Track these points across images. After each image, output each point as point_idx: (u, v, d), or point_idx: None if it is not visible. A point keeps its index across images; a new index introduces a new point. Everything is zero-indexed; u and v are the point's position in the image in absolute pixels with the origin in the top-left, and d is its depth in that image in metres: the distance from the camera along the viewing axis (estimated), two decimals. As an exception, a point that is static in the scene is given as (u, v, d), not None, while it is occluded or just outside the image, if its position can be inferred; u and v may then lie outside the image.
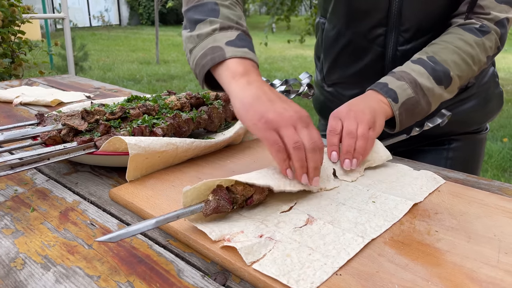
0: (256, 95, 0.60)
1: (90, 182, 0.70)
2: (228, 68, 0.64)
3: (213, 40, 0.66)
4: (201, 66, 0.66)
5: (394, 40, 0.88)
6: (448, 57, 0.77)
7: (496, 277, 0.45)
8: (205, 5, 0.70)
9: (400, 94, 0.74)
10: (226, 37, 0.66)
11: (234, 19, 0.69)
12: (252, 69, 0.64)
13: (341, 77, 1.00)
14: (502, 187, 0.69)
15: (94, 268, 0.48)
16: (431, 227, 0.55)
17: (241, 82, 0.62)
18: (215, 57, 0.64)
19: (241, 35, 0.67)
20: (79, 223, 0.57)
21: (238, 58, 0.64)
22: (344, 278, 0.44)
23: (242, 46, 0.65)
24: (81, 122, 0.74)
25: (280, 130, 0.58)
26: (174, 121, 0.78)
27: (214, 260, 0.49)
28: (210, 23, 0.67)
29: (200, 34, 0.67)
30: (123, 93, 1.38)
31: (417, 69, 0.76)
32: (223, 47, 0.65)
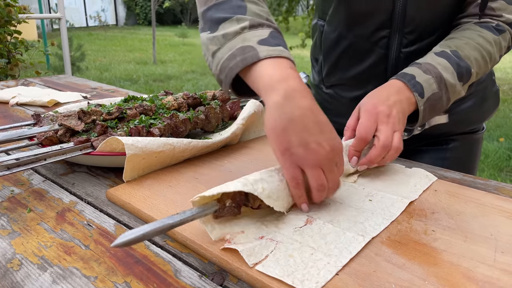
0: (291, 118, 0.53)
1: (87, 182, 0.70)
2: (263, 72, 0.56)
3: (243, 39, 0.58)
4: (228, 68, 0.58)
5: (397, 42, 0.87)
6: (471, 54, 0.76)
7: (493, 276, 0.45)
8: (229, 1, 0.63)
9: (426, 88, 0.71)
10: (257, 36, 0.59)
11: (264, 15, 0.62)
12: (290, 72, 0.56)
13: (342, 79, 0.99)
14: (498, 187, 0.69)
15: (91, 268, 0.48)
16: (428, 226, 0.55)
17: (279, 94, 0.54)
18: (247, 58, 0.57)
19: (273, 32, 0.60)
20: (76, 223, 0.57)
21: (274, 58, 0.57)
22: (341, 277, 0.44)
23: (276, 45, 0.58)
24: (78, 122, 0.74)
25: (305, 169, 0.54)
26: (171, 121, 0.78)
27: (211, 260, 0.49)
28: (238, 21, 0.60)
29: (226, 33, 0.60)
30: (120, 93, 1.38)
31: (443, 63, 0.74)
32: (255, 46, 0.57)
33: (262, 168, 0.72)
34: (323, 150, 0.53)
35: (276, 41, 0.59)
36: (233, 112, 0.94)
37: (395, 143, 0.66)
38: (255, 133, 0.92)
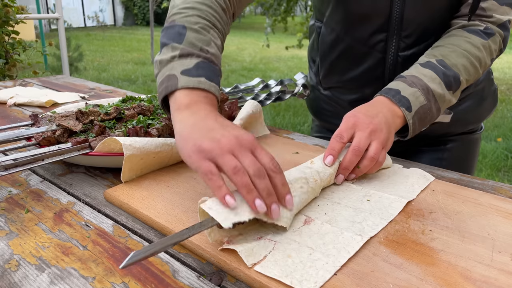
0: (194, 124, 0.55)
1: (85, 183, 0.70)
2: (175, 99, 0.60)
3: (171, 68, 0.62)
4: (159, 93, 0.63)
5: (395, 45, 0.87)
6: (458, 61, 0.75)
7: (490, 276, 0.45)
8: (174, 27, 0.66)
9: (413, 102, 0.71)
10: (183, 65, 0.62)
11: (198, 45, 0.64)
12: (200, 99, 0.59)
13: (339, 81, 0.98)
14: (495, 187, 0.70)
15: (89, 269, 0.48)
16: (425, 226, 0.55)
17: (184, 113, 0.57)
18: (168, 86, 0.61)
19: (201, 63, 0.62)
20: (73, 224, 0.57)
21: (189, 89, 0.60)
22: (339, 278, 0.45)
23: (198, 75, 0.60)
24: (76, 122, 0.74)
25: (216, 160, 0.51)
26: (169, 122, 0.78)
27: (209, 260, 0.49)
28: (172, 49, 0.64)
29: (162, 60, 0.64)
30: (118, 94, 1.38)
31: (429, 74, 0.73)
32: (178, 76, 0.61)
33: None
34: (228, 139, 0.52)
35: (200, 72, 0.61)
36: (231, 112, 0.94)
37: (371, 152, 0.65)
38: (253, 134, 0.92)
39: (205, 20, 0.67)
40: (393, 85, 0.74)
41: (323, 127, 1.10)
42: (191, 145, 0.53)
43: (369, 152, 0.65)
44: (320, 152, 0.82)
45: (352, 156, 0.64)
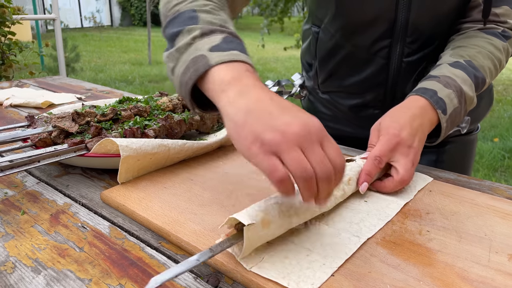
0: (250, 109, 0.46)
1: (81, 184, 0.69)
2: (214, 79, 0.51)
3: (194, 49, 0.54)
4: (184, 83, 0.54)
5: (399, 52, 0.85)
6: (485, 63, 0.74)
7: (487, 277, 0.45)
8: (181, 15, 0.60)
9: (448, 104, 0.68)
10: (209, 43, 0.54)
11: (216, 22, 0.58)
12: (244, 73, 0.51)
13: (339, 86, 0.96)
14: (492, 187, 0.70)
15: (85, 271, 0.47)
16: (422, 227, 0.55)
17: (231, 93, 0.49)
18: (198, 68, 0.52)
19: (227, 37, 0.56)
20: (70, 225, 0.57)
21: (227, 63, 0.52)
22: (336, 278, 0.44)
23: (230, 49, 0.53)
24: (72, 124, 0.74)
25: (282, 155, 0.44)
26: (166, 123, 0.78)
27: (206, 262, 0.49)
28: (189, 31, 0.56)
29: (179, 47, 0.56)
30: (115, 95, 1.37)
31: (461, 75, 0.71)
32: (206, 54, 0.53)
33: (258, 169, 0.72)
34: (295, 127, 0.44)
35: (230, 45, 0.54)
36: (228, 113, 0.94)
37: (411, 177, 0.64)
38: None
39: (212, 2, 0.62)
40: (427, 84, 0.71)
41: None
42: (250, 135, 0.45)
43: (409, 179, 0.64)
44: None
45: (398, 186, 0.63)
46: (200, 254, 0.43)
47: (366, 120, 0.97)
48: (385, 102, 0.93)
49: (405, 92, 0.90)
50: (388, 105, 0.93)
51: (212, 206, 0.59)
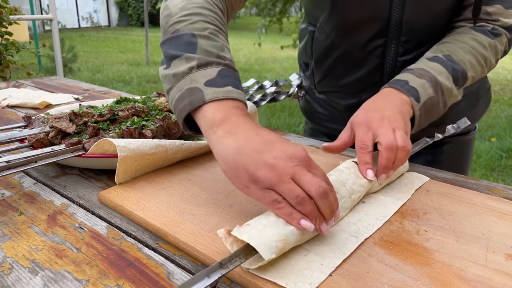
0: (238, 148, 0.50)
1: (79, 185, 0.69)
2: (205, 116, 0.55)
3: (191, 80, 0.57)
4: (178, 111, 0.58)
5: (394, 51, 0.85)
6: (465, 57, 0.74)
7: (484, 276, 0.45)
8: (181, 37, 0.61)
9: (421, 93, 0.69)
10: (205, 76, 0.57)
11: (214, 52, 0.59)
12: (232, 111, 0.55)
13: (335, 86, 0.97)
14: (489, 187, 0.70)
15: (83, 272, 0.47)
16: (420, 227, 0.55)
17: (219, 134, 0.53)
18: (193, 101, 0.55)
19: (223, 70, 0.58)
20: (67, 226, 0.57)
21: (219, 100, 0.55)
22: (334, 279, 0.44)
23: (224, 85, 0.56)
24: (69, 124, 0.73)
25: (276, 188, 0.48)
26: (163, 123, 0.78)
27: (204, 262, 0.49)
28: (187, 60, 0.58)
29: (176, 73, 0.58)
30: (112, 95, 1.37)
31: (437, 68, 0.72)
32: (202, 88, 0.56)
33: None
34: (282, 161, 0.49)
35: (225, 80, 0.57)
36: (226, 113, 0.94)
37: (399, 141, 0.62)
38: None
39: (211, 25, 0.63)
40: (400, 76, 0.72)
41: (317, 130, 1.10)
42: (245, 175, 0.49)
43: (399, 143, 0.61)
44: (315, 153, 0.82)
45: (388, 154, 0.61)
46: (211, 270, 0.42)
47: None
48: None
49: None
50: None
51: (210, 207, 0.59)
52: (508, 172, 3.16)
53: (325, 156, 0.80)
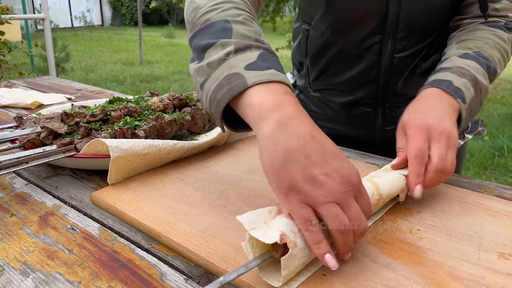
0: (288, 150, 0.44)
1: (71, 185, 0.69)
2: (252, 101, 0.48)
3: (229, 66, 0.51)
4: (216, 102, 0.51)
5: (390, 47, 0.85)
6: (493, 53, 0.73)
7: (477, 275, 0.45)
8: (213, 25, 0.56)
9: (466, 93, 0.65)
10: (245, 60, 0.51)
11: (252, 36, 0.54)
12: (283, 97, 0.48)
13: (331, 84, 0.96)
14: (482, 185, 0.70)
15: (74, 273, 0.47)
16: (413, 225, 0.55)
17: (271, 124, 0.46)
18: (233, 87, 0.49)
19: (263, 54, 0.53)
20: (59, 227, 0.56)
21: (264, 83, 0.49)
22: (328, 278, 0.44)
23: (267, 68, 0.50)
24: (61, 124, 0.73)
25: (318, 208, 0.43)
26: (156, 123, 0.78)
27: (197, 263, 0.49)
28: (222, 46, 0.53)
29: (211, 62, 0.53)
30: (105, 95, 1.36)
31: (473, 65, 0.69)
32: (242, 72, 0.50)
33: (249, 169, 0.72)
34: (334, 181, 0.43)
35: (267, 63, 0.51)
36: (219, 113, 0.93)
37: (449, 166, 0.58)
38: (242, 134, 0.92)
39: (245, 12, 0.58)
40: (441, 76, 0.67)
41: None
42: (288, 181, 0.44)
43: (448, 168, 0.58)
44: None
45: (435, 175, 0.57)
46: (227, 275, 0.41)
47: (358, 118, 0.97)
48: (376, 99, 0.93)
49: (396, 89, 0.91)
50: (380, 103, 0.93)
51: (203, 207, 0.59)
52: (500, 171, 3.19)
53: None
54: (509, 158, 3.38)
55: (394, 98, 0.92)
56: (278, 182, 0.45)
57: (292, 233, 0.43)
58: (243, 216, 0.44)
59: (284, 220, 0.44)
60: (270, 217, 0.45)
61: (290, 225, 0.44)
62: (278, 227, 0.43)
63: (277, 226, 0.43)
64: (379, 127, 0.96)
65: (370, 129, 0.97)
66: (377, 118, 0.95)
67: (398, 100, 0.93)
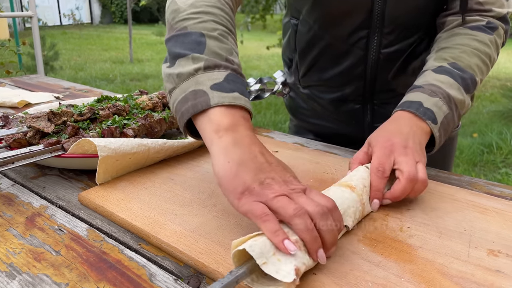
0: (242, 161, 0.49)
1: (59, 185, 0.68)
2: (211, 119, 0.52)
3: (196, 82, 0.54)
4: (180, 113, 0.55)
5: (377, 43, 0.85)
6: (471, 62, 0.71)
7: (467, 272, 0.45)
8: (188, 35, 0.58)
9: (437, 113, 0.66)
10: (211, 79, 0.54)
11: (223, 54, 0.57)
12: (241, 120, 0.53)
13: (319, 80, 0.96)
14: (471, 182, 0.71)
15: (62, 275, 0.46)
16: (403, 223, 0.55)
17: (226, 140, 0.50)
18: (197, 104, 0.53)
19: (230, 75, 0.55)
20: (46, 228, 0.55)
21: (225, 106, 0.52)
22: (318, 277, 0.44)
23: (231, 90, 0.54)
24: (48, 124, 0.72)
25: (270, 203, 0.46)
26: (145, 122, 0.77)
27: (187, 263, 0.48)
28: (193, 60, 0.56)
29: (181, 73, 0.56)
30: (94, 93, 1.35)
31: (446, 81, 0.68)
32: (207, 91, 0.53)
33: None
34: (279, 183, 0.48)
35: (231, 85, 0.54)
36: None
37: (421, 174, 0.59)
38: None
39: (222, 26, 0.60)
40: (412, 97, 0.68)
41: (302, 127, 1.10)
42: (240, 186, 0.47)
43: (420, 175, 0.59)
44: (299, 151, 0.82)
45: (407, 184, 0.58)
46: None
47: (346, 115, 0.97)
48: (364, 96, 0.93)
49: (384, 86, 0.91)
50: (368, 99, 0.93)
51: (193, 206, 0.59)
52: (489, 167, 3.22)
53: (309, 154, 0.80)
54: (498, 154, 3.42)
55: (383, 94, 0.92)
56: (232, 189, 0.48)
57: (304, 265, 0.43)
58: (253, 247, 0.42)
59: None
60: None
61: (300, 258, 0.43)
62: (291, 261, 0.43)
63: (290, 260, 0.43)
64: (368, 124, 0.96)
65: (359, 126, 0.98)
66: (366, 115, 0.96)
67: (386, 96, 0.93)
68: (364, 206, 0.56)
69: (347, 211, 0.52)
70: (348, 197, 0.54)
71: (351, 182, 0.57)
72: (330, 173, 0.71)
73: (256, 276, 0.44)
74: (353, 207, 0.53)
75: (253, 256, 0.42)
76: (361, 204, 0.55)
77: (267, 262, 0.42)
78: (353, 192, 0.55)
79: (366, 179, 0.59)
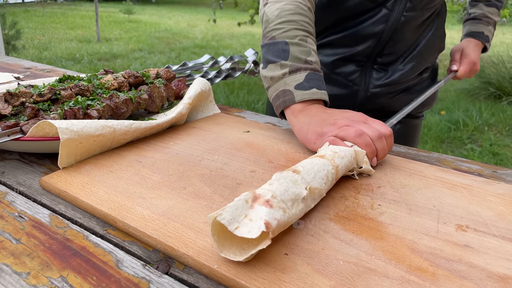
0: (310, 121, 0.67)
1: (19, 170, 0.64)
2: (292, 109, 0.72)
3: (284, 83, 0.72)
4: (276, 106, 0.74)
5: (403, 4, 0.92)
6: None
7: (436, 247, 0.46)
8: (276, 44, 0.74)
9: (489, 36, 1.16)
10: (295, 80, 0.72)
11: (302, 58, 0.73)
12: (310, 105, 0.71)
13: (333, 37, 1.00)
14: (440, 158, 0.72)
15: (22, 264, 0.44)
16: (374, 201, 0.55)
17: (299, 116, 0.70)
18: (286, 101, 0.72)
19: (309, 74, 0.72)
20: (5, 216, 0.52)
21: (306, 100, 0.71)
22: (290, 257, 0.44)
23: (310, 87, 0.71)
24: (5, 105, 0.68)
25: (337, 134, 0.63)
26: (110, 102, 0.74)
27: (156, 247, 0.47)
28: (281, 66, 0.73)
29: (273, 76, 0.74)
30: (57, 73, 1.29)
31: (493, 12, 1.15)
32: (292, 90, 0.71)
33: (210, 149, 0.70)
34: (341, 120, 0.65)
35: (310, 83, 0.72)
36: (179, 91, 0.90)
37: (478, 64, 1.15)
38: (203, 113, 0.89)
39: (302, 31, 0.75)
40: (476, 28, 1.16)
41: None
42: (313, 134, 0.66)
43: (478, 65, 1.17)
44: (271, 131, 0.80)
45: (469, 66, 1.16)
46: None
47: (344, 77, 1.02)
48: (370, 57, 0.98)
49: (391, 49, 0.97)
50: (372, 61, 0.98)
51: (162, 189, 0.57)
52: (456, 143, 3.32)
53: (281, 134, 0.79)
54: (464, 131, 3.52)
55: (386, 57, 0.98)
56: (308, 139, 0.67)
57: (276, 221, 0.43)
58: (223, 215, 0.41)
59: (265, 209, 0.43)
60: (248, 207, 0.44)
61: (271, 213, 0.43)
62: (261, 217, 0.42)
63: (260, 216, 0.42)
64: (363, 87, 1.01)
65: (354, 89, 1.01)
66: (363, 78, 1.00)
67: (388, 59, 0.98)
68: (337, 169, 0.56)
69: (317, 174, 0.53)
70: (317, 162, 0.55)
71: (319, 153, 0.60)
72: (302, 153, 0.70)
73: (238, 251, 0.43)
74: (324, 170, 0.54)
75: (224, 225, 0.41)
76: (333, 167, 0.56)
77: (239, 225, 0.41)
78: (323, 159, 0.56)
79: (337, 150, 0.59)
